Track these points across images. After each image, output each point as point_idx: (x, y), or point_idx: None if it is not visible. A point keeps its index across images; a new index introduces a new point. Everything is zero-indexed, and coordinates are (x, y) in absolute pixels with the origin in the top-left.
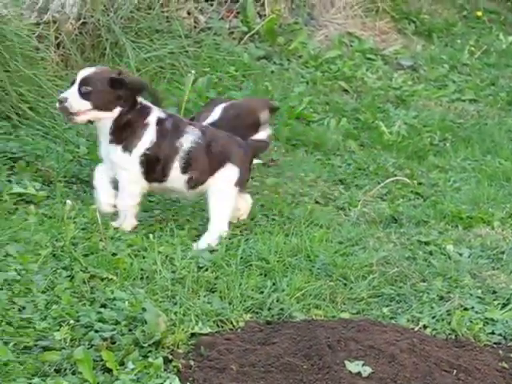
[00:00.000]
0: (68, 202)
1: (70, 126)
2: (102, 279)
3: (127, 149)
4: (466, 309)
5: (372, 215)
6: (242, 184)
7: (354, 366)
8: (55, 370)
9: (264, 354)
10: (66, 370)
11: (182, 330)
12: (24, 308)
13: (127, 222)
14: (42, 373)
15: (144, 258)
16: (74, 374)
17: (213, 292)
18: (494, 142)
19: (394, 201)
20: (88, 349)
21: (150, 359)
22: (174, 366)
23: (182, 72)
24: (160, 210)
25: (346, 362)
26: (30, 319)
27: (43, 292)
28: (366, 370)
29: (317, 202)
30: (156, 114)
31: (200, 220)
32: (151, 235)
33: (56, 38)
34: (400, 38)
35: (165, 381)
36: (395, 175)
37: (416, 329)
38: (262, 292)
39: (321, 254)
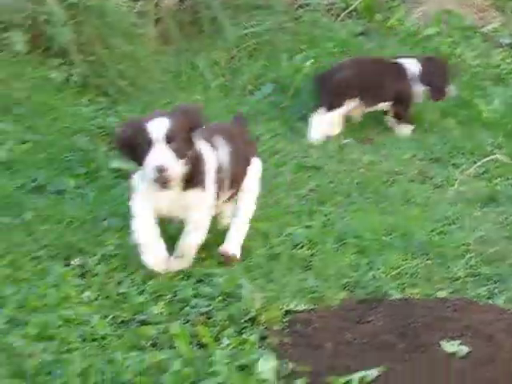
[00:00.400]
0: None
1: (168, 101)
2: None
3: (204, 186)
4: None
5: (469, 194)
6: None
7: (450, 346)
8: (152, 344)
9: (359, 331)
10: (162, 344)
11: (277, 306)
12: (121, 282)
13: (189, 259)
14: (139, 346)
15: None
16: (170, 348)
17: (308, 269)
18: None
19: (491, 180)
20: (184, 324)
21: (244, 335)
22: (269, 343)
23: (280, 48)
24: None
25: (442, 342)
26: (128, 294)
27: (141, 267)
28: (463, 350)
29: (413, 181)
30: (202, 141)
31: (294, 197)
32: None
33: (155, 14)
34: (499, 15)
35: (260, 357)
36: (493, 154)
37: None
38: (357, 270)
39: (417, 232)
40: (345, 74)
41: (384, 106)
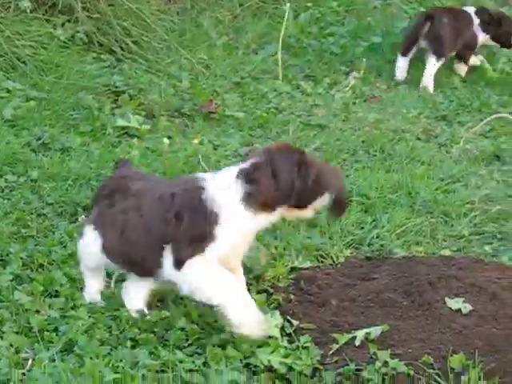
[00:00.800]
0: (165, 140)
1: (172, 59)
2: None
3: None
4: None
5: (474, 152)
6: None
7: (454, 303)
8: (158, 300)
9: (364, 289)
10: (168, 300)
11: (283, 264)
12: None
13: None
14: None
15: None
16: (176, 305)
17: (313, 227)
18: None
19: (497, 138)
20: None
21: (251, 293)
22: (275, 299)
23: (283, 7)
24: (259, 144)
25: (447, 299)
26: None
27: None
28: (467, 307)
29: (418, 139)
30: None
31: None
32: None
33: None
34: None
35: (265, 314)
36: (499, 112)
37: None
38: (362, 228)
39: (422, 190)
40: (444, 26)
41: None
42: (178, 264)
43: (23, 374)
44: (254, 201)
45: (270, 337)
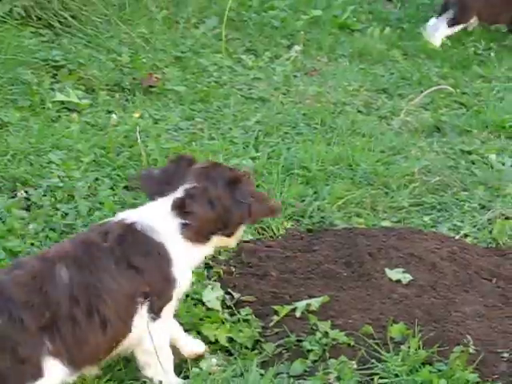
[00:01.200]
0: (113, 116)
1: (112, 34)
2: None
3: None
4: (507, 218)
5: (414, 124)
6: None
7: (394, 274)
8: None
9: (304, 261)
10: None
11: None
12: (67, 214)
13: None
14: None
15: None
16: None
17: None
18: None
19: (437, 110)
20: None
21: None
22: (216, 272)
23: None
24: (200, 118)
25: (387, 270)
26: (73, 225)
27: (85, 199)
28: (406, 278)
29: (359, 112)
30: None
31: (240, 129)
32: (193, 143)
33: None
34: None
35: (206, 287)
36: (438, 85)
37: (457, 237)
38: (303, 200)
39: (362, 162)
40: None
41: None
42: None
43: None
44: (191, 232)
45: (210, 309)
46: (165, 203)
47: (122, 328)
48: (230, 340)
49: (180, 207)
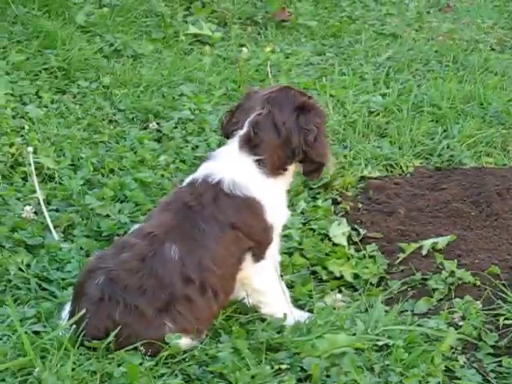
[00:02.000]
0: (244, 49)
1: None
2: None
3: None
4: None
5: None
6: None
7: None
8: None
9: (432, 199)
10: None
11: (352, 173)
12: (197, 147)
13: None
14: None
15: None
16: None
17: (383, 137)
18: None
19: None
20: None
21: (318, 201)
22: (342, 208)
23: None
24: (331, 53)
25: None
26: (204, 157)
27: (215, 131)
28: None
29: (493, 49)
30: None
31: (371, 65)
32: (324, 78)
33: None
34: None
35: (333, 222)
36: None
37: None
38: (432, 138)
39: (494, 101)
40: None
41: None
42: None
43: None
44: (267, 167)
45: (337, 244)
46: (233, 145)
47: (230, 287)
48: (355, 276)
49: (247, 143)
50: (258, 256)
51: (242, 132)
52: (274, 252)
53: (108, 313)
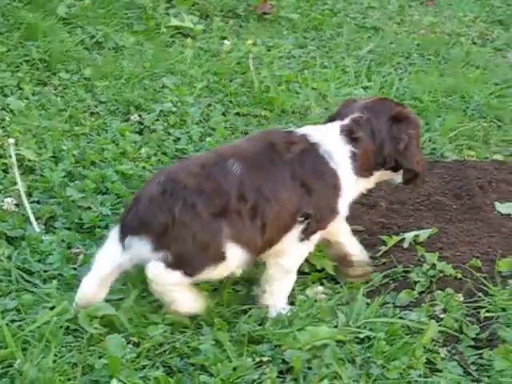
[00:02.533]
0: (226, 42)
1: None
2: (256, 116)
3: None
4: None
5: None
6: None
7: (504, 208)
8: None
9: (414, 192)
10: None
11: None
12: (179, 139)
13: None
14: None
15: (297, 94)
16: None
17: None
18: None
19: None
20: None
21: None
22: None
23: None
24: (313, 46)
25: (496, 204)
26: (185, 150)
27: (197, 124)
28: None
29: (474, 43)
30: None
31: (353, 58)
32: (305, 71)
33: None
34: None
35: None
36: None
37: None
38: None
39: (476, 94)
40: None
41: None
42: (303, 239)
43: (74, 268)
44: (358, 163)
45: None
46: (335, 128)
47: (275, 237)
48: (337, 269)
49: (348, 133)
50: (306, 234)
51: (343, 122)
52: (314, 242)
53: (169, 206)
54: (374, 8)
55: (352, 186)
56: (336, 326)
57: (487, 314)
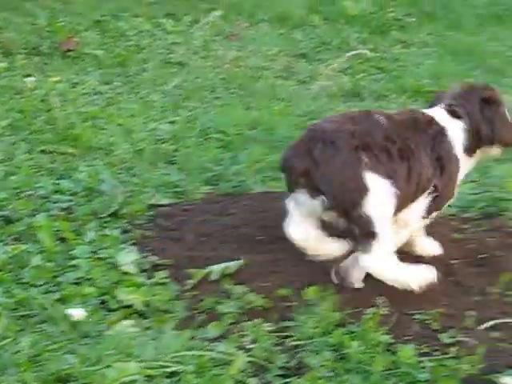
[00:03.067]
0: (30, 79)
1: None
2: (62, 153)
3: None
4: None
5: (333, 89)
6: None
7: None
8: (14, 238)
9: (221, 224)
10: (25, 238)
11: (140, 201)
12: None
13: None
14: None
15: (103, 130)
16: (33, 242)
17: (172, 164)
18: (457, 18)
19: (355, 75)
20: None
21: (107, 230)
22: (131, 237)
23: None
24: (119, 82)
25: None
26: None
27: (1, 163)
28: None
29: (278, 76)
30: None
31: (159, 93)
32: (111, 107)
33: None
34: None
35: (122, 251)
36: (357, 50)
37: None
38: (221, 164)
39: (280, 127)
40: None
41: None
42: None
43: None
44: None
45: (126, 273)
46: (441, 111)
47: (411, 195)
48: (146, 304)
49: (452, 113)
50: (428, 211)
51: (443, 105)
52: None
53: (307, 148)
54: (178, 44)
55: (462, 166)
56: (144, 361)
57: (294, 343)
